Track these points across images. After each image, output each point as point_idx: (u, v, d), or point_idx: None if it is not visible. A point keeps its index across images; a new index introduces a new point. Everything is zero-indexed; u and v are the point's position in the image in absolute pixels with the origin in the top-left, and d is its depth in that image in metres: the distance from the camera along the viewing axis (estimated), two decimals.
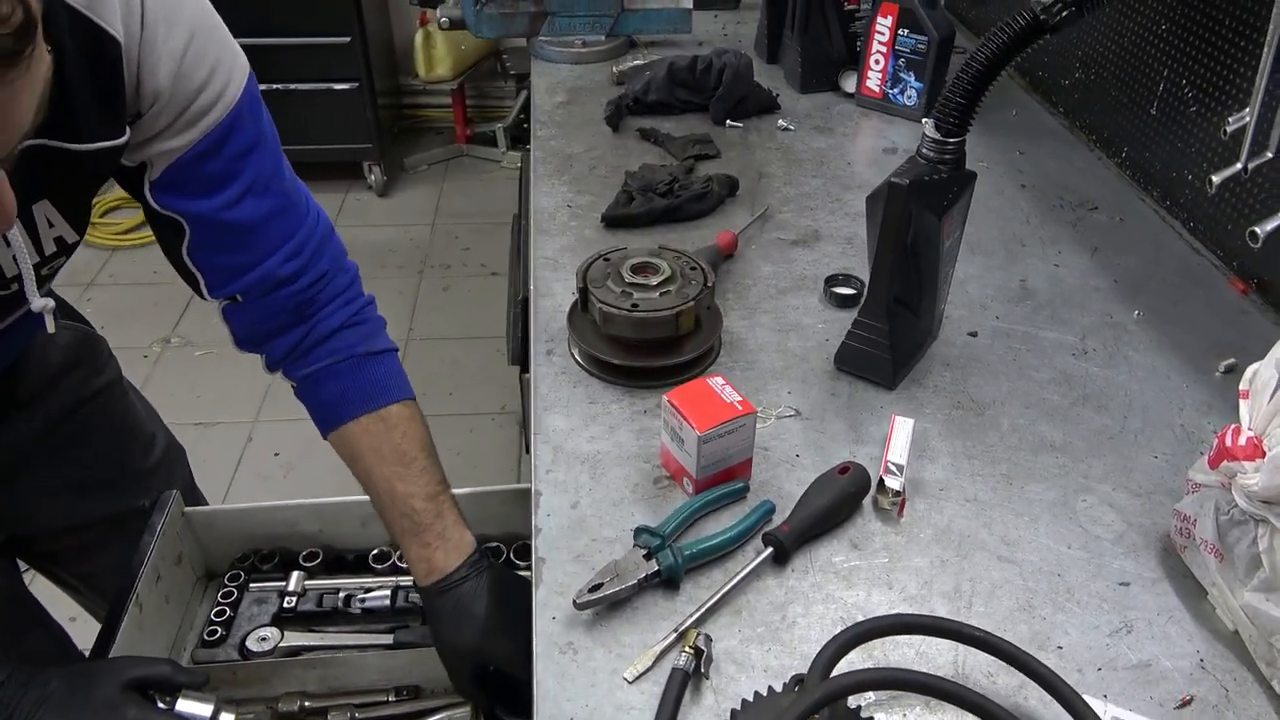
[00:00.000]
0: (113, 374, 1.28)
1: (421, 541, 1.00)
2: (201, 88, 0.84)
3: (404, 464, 1.02)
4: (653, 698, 0.80)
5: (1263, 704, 0.81)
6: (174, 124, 0.85)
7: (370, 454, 1.02)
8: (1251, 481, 0.82)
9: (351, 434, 1.03)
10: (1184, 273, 1.38)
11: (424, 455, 1.04)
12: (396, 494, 1.01)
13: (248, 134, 0.90)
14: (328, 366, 1.03)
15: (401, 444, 1.03)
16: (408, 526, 1.01)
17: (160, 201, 0.89)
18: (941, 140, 1.05)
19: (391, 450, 1.02)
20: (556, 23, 2.10)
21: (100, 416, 1.24)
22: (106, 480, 1.25)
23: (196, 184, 0.89)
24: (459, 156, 4.35)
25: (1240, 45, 1.31)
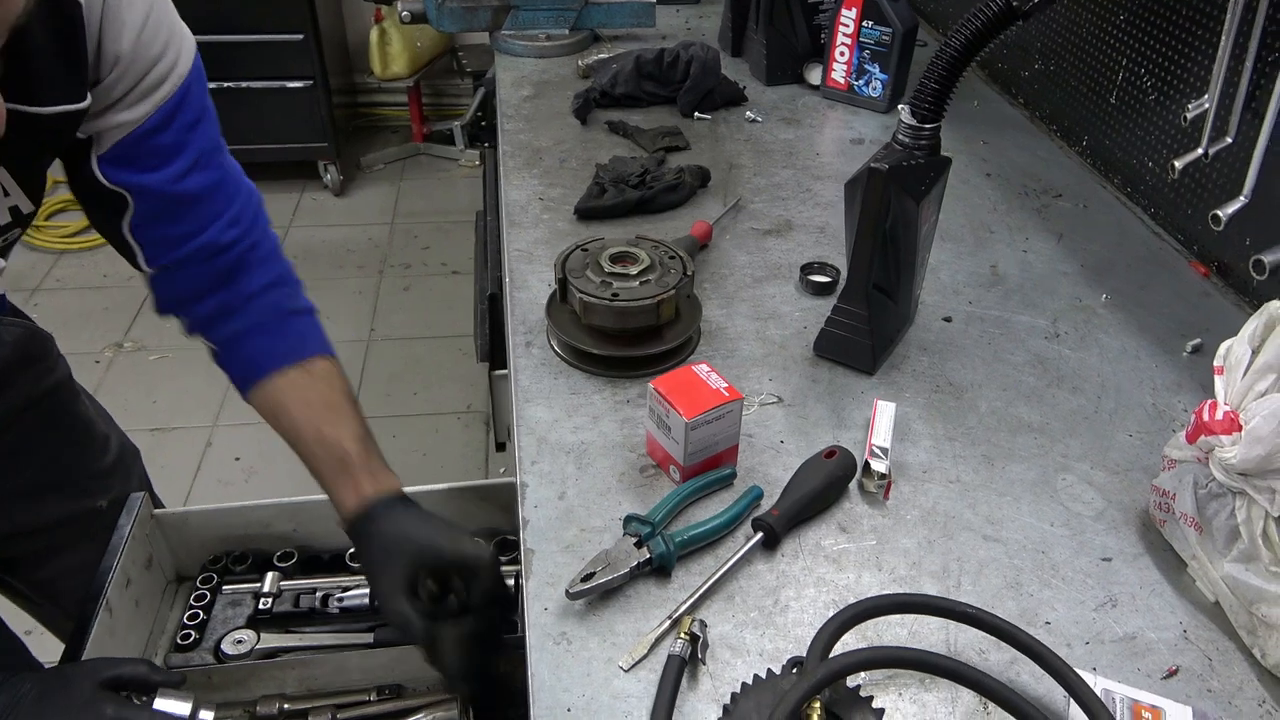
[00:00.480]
0: (63, 373, 1.24)
1: (353, 477, 0.97)
2: (158, 58, 0.85)
3: (332, 410, 1.00)
4: (649, 685, 0.79)
5: (1245, 672, 0.83)
6: (130, 94, 0.85)
7: (297, 404, 1.00)
8: (1229, 455, 0.83)
9: (277, 386, 1.01)
10: (1148, 257, 1.41)
11: (349, 404, 1.02)
12: (326, 438, 0.98)
13: (195, 107, 0.91)
14: (251, 325, 1.01)
15: (328, 394, 1.01)
16: (337, 467, 0.97)
17: (109, 176, 0.89)
18: (918, 126, 1.05)
19: (319, 399, 1.01)
20: (519, 16, 2.08)
21: (53, 416, 1.20)
22: (62, 482, 1.21)
23: (148, 157, 0.89)
24: (416, 155, 4.31)
25: (1197, 34, 1.34)
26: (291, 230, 3.72)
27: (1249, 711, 0.80)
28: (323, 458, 0.99)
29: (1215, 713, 0.79)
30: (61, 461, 1.22)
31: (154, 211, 0.93)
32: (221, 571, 1.22)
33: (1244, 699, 0.81)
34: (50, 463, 1.20)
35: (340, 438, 0.98)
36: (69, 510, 1.22)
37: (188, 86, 0.89)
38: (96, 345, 3.04)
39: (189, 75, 0.89)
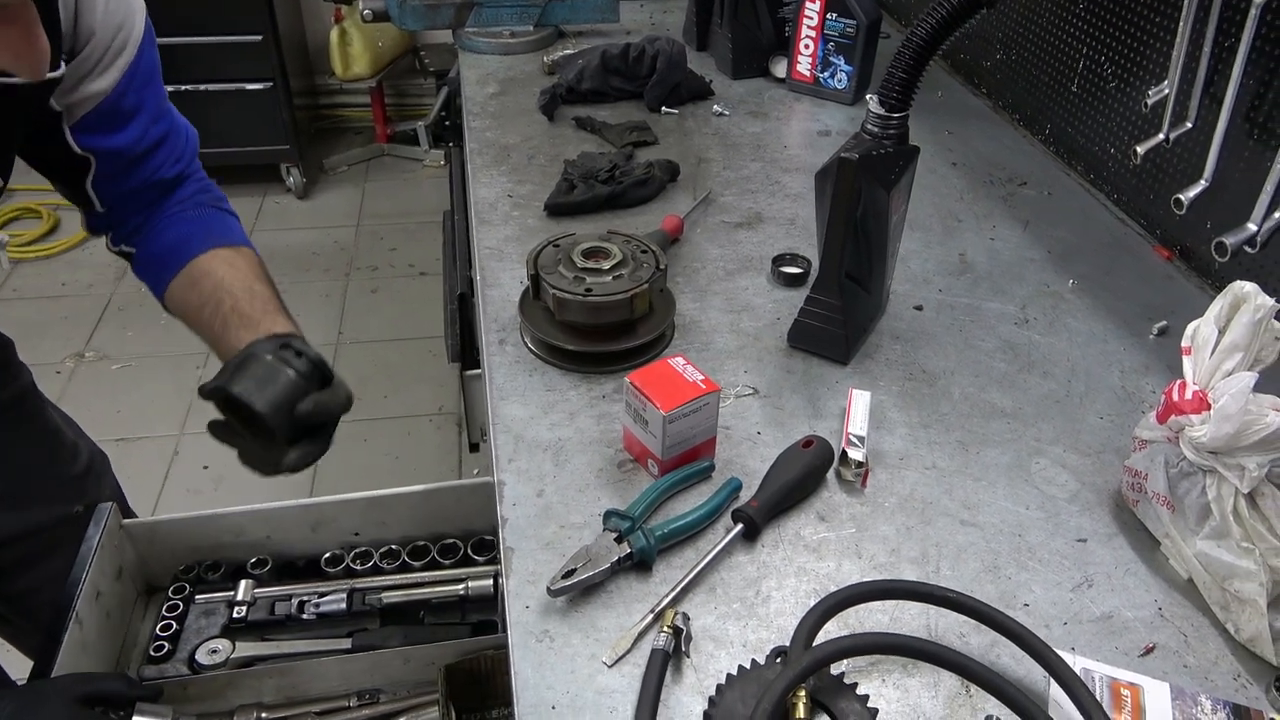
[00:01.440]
0: (26, 380, 1.22)
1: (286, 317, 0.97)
2: (120, 25, 0.89)
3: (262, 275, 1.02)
4: (634, 680, 0.79)
5: (1220, 647, 0.84)
6: (100, 63, 0.88)
7: (224, 266, 1.00)
8: (1199, 433, 0.85)
9: (202, 260, 1.01)
10: (1112, 242, 1.43)
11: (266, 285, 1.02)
12: (256, 291, 0.98)
13: (148, 65, 0.96)
14: (178, 215, 1.05)
15: (258, 265, 1.04)
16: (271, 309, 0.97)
17: (80, 142, 0.93)
18: (886, 115, 1.06)
19: (249, 265, 1.03)
20: (483, 13, 2.07)
21: (21, 424, 1.17)
22: (34, 491, 1.19)
23: (113, 120, 0.94)
24: (380, 156, 4.27)
25: (1156, 21, 1.36)
26: (255, 234, 3.66)
27: (1224, 685, 0.81)
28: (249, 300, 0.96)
29: (1192, 688, 0.80)
30: (32, 470, 1.20)
31: (115, 169, 0.98)
32: (194, 581, 1.20)
33: (1219, 673, 0.82)
34: (20, 471, 1.18)
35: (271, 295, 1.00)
36: (41, 519, 1.20)
37: (142, 48, 0.93)
38: (57, 355, 2.98)
39: (144, 37, 0.93)
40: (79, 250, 3.51)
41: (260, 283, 1.01)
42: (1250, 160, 1.19)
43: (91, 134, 0.93)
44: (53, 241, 3.53)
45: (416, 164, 4.21)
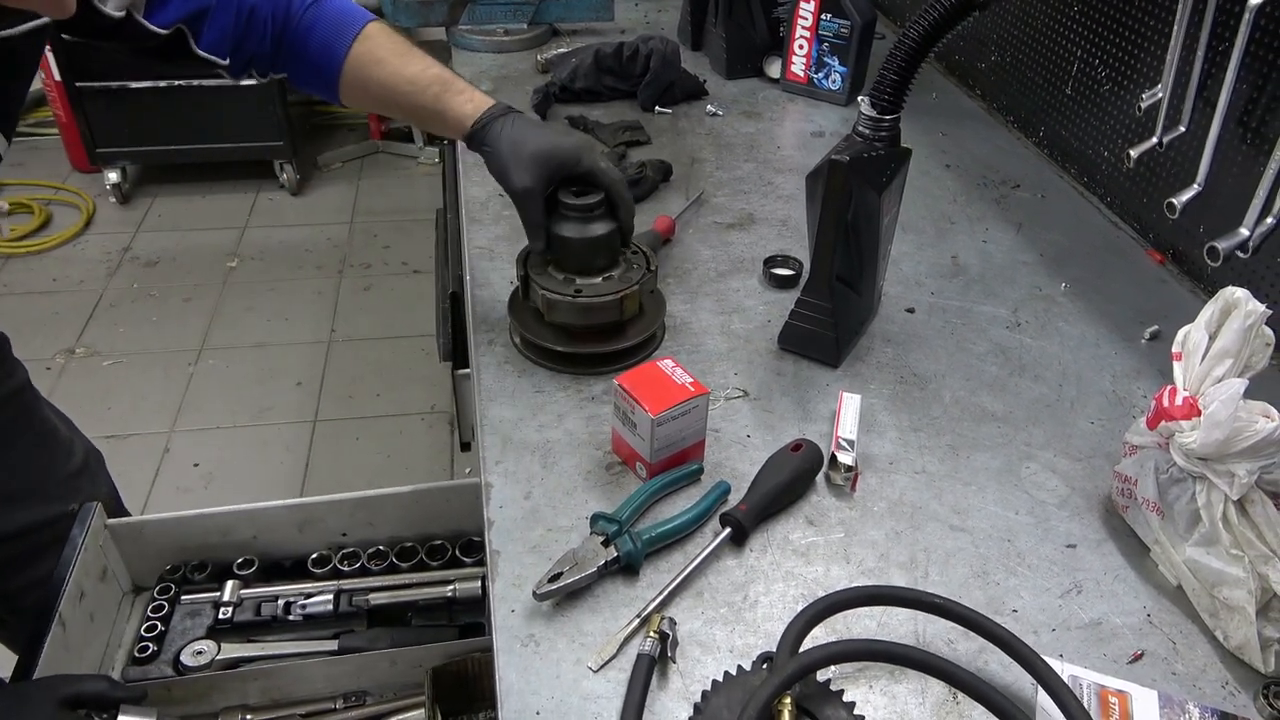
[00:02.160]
0: (22, 377, 1.21)
1: (458, 90, 1.08)
2: None
3: (406, 55, 1.08)
4: (619, 685, 0.78)
5: (1209, 654, 0.84)
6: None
7: (374, 67, 1.07)
8: (1189, 440, 0.84)
9: (350, 69, 1.07)
10: (1105, 245, 1.42)
11: (417, 49, 1.09)
12: (414, 76, 1.07)
13: None
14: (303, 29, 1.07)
15: (393, 45, 1.08)
16: (439, 89, 1.07)
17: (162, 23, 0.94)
18: (878, 117, 1.05)
19: (389, 53, 1.07)
20: (477, 11, 2.06)
21: (18, 421, 1.17)
22: (31, 488, 1.18)
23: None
24: (374, 153, 4.25)
25: (1150, 25, 1.36)
26: (248, 231, 3.66)
27: (1212, 693, 0.80)
28: (421, 90, 1.07)
29: (1180, 695, 0.79)
30: (29, 467, 1.19)
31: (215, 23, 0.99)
32: (180, 581, 1.20)
33: (1207, 680, 0.81)
34: (17, 468, 1.17)
35: (427, 67, 1.08)
36: (38, 517, 1.19)
37: None
38: (47, 352, 2.96)
39: None
40: (70, 246, 3.50)
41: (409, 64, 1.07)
42: (1243, 165, 1.18)
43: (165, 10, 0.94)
44: (44, 237, 3.51)
45: (410, 161, 4.20)
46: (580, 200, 1.07)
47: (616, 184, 1.07)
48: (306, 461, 2.61)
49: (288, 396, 2.79)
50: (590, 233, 1.08)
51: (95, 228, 3.63)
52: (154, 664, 1.11)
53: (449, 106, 1.07)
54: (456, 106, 1.07)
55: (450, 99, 1.07)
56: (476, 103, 1.07)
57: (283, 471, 2.59)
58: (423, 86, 1.07)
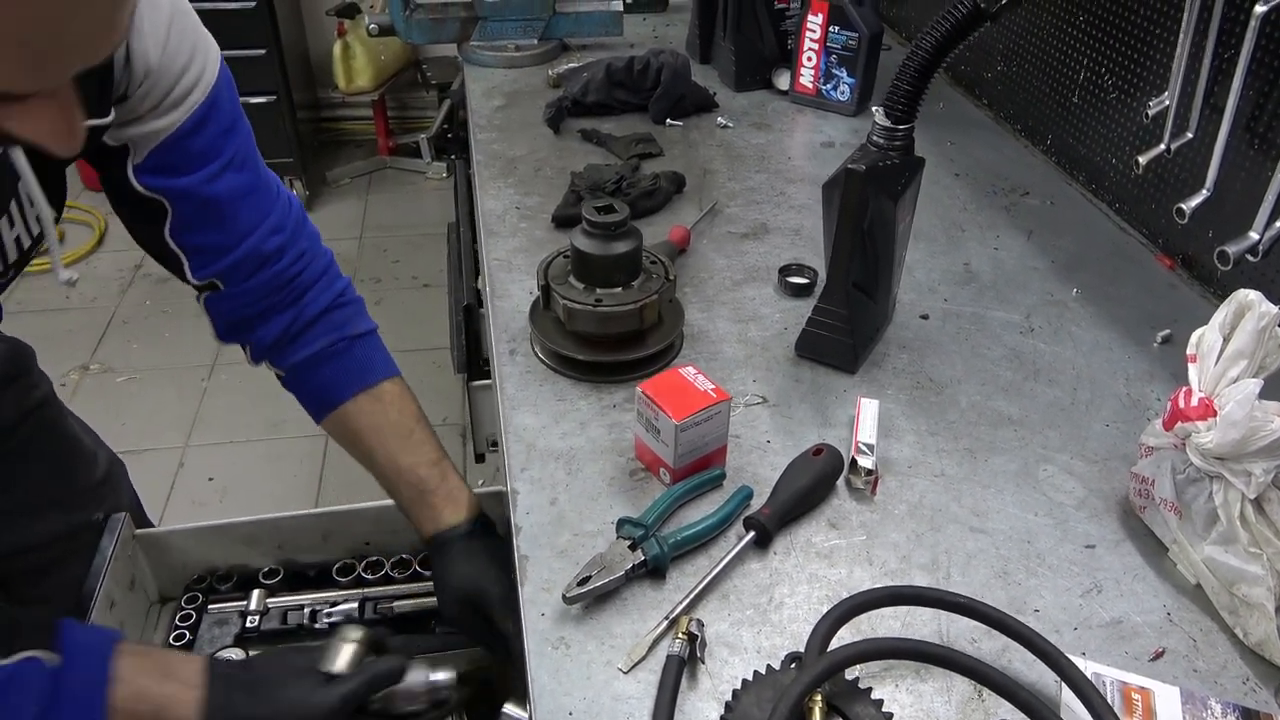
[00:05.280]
0: (47, 387, 1.23)
1: (428, 504, 1.03)
2: (185, 67, 0.85)
3: (404, 437, 1.05)
4: (649, 686, 0.80)
5: (1229, 651, 0.85)
6: (161, 104, 0.85)
7: (370, 432, 1.05)
8: (1205, 440, 0.86)
9: (348, 414, 1.05)
10: (1115, 251, 1.44)
11: (420, 427, 1.07)
12: (401, 467, 1.03)
13: (226, 113, 0.91)
14: (318, 351, 1.03)
15: (399, 419, 1.05)
16: (414, 495, 1.03)
17: (145, 183, 0.89)
18: (892, 127, 1.07)
19: (390, 426, 1.05)
20: (488, 27, 2.09)
21: (43, 431, 1.18)
22: (57, 497, 1.19)
23: (181, 161, 0.89)
24: (382, 169, 4.28)
25: (1156, 33, 1.38)
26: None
27: (1233, 689, 0.82)
28: (400, 485, 1.04)
29: (1201, 691, 0.80)
30: (55, 477, 1.21)
31: (192, 216, 0.92)
32: (206, 590, 1.21)
33: (1228, 677, 0.83)
34: (44, 479, 1.19)
35: (415, 464, 1.03)
36: (64, 525, 1.20)
37: (217, 92, 0.89)
38: (62, 368, 2.98)
39: (217, 82, 0.89)
40: (83, 264, 3.53)
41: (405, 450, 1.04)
42: (1251, 170, 1.20)
43: (156, 174, 0.89)
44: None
45: (419, 176, 4.23)
46: (603, 218, 1.09)
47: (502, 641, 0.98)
48: (320, 475, 2.63)
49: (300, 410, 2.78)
50: (612, 250, 1.10)
51: (107, 245, 3.66)
52: None
53: (417, 514, 1.04)
54: (423, 517, 1.03)
55: (420, 510, 1.03)
56: (439, 521, 1.02)
57: (297, 485, 2.60)
58: (406, 482, 1.03)
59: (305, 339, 1.03)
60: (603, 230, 1.09)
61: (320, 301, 1.04)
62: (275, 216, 0.99)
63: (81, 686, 0.76)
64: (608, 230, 1.09)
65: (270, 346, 1.04)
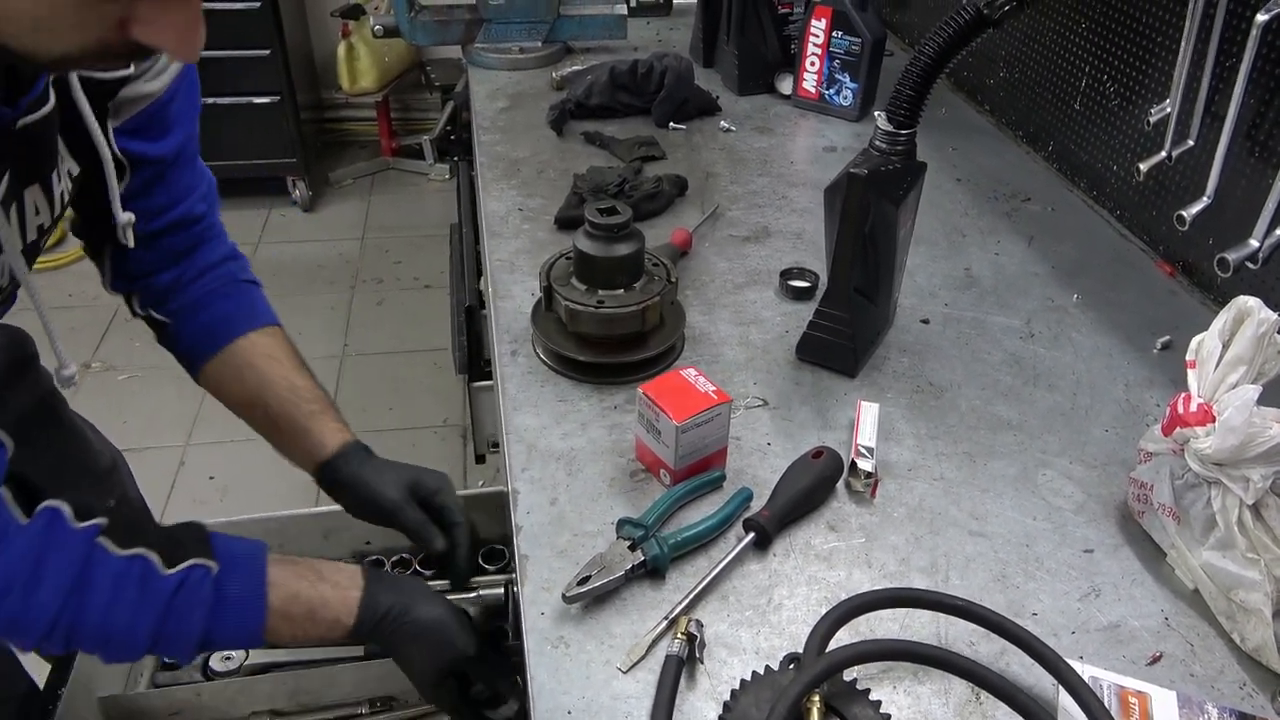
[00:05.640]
0: (49, 384, 1.23)
1: (331, 418, 1.04)
2: None
3: (299, 367, 1.06)
4: (648, 685, 0.80)
5: (1225, 656, 0.85)
6: (153, 67, 0.88)
7: (264, 360, 1.05)
8: (1204, 445, 0.86)
9: (241, 348, 1.05)
10: (1115, 257, 1.44)
11: (307, 367, 1.08)
12: (298, 387, 1.04)
13: (192, 82, 0.96)
14: (212, 291, 1.05)
15: (292, 353, 1.07)
16: (316, 410, 1.04)
17: (122, 145, 0.91)
18: (894, 132, 1.08)
19: (285, 354, 1.06)
20: (492, 29, 2.09)
21: (53, 419, 1.20)
22: (72, 484, 1.20)
23: (158, 126, 0.93)
24: (385, 170, 4.29)
25: (1157, 40, 1.38)
26: (261, 247, 3.69)
27: (1230, 694, 0.82)
28: (297, 403, 1.03)
29: (1199, 696, 0.81)
30: (68, 464, 1.22)
31: (150, 179, 0.96)
32: None
33: (1225, 682, 0.83)
34: (59, 465, 1.20)
35: (312, 385, 1.05)
36: None
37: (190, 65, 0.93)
38: None
39: None
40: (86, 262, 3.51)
41: (302, 376, 1.06)
42: (1252, 177, 1.21)
43: (134, 137, 0.92)
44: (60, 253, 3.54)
45: (421, 178, 4.24)
46: (606, 220, 1.09)
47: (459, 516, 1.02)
48: None
49: None
50: (615, 252, 1.10)
51: None
52: (183, 669, 1.12)
53: (318, 427, 1.03)
54: (326, 431, 1.03)
55: (323, 422, 1.03)
56: (344, 435, 1.04)
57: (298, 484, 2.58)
58: (303, 399, 1.04)
59: (198, 284, 1.05)
60: (605, 232, 1.09)
61: (217, 253, 1.07)
62: (204, 185, 1.04)
63: (242, 590, 0.81)
64: (610, 232, 1.09)
65: (161, 292, 1.05)
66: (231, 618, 0.81)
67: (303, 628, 0.84)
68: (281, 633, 0.83)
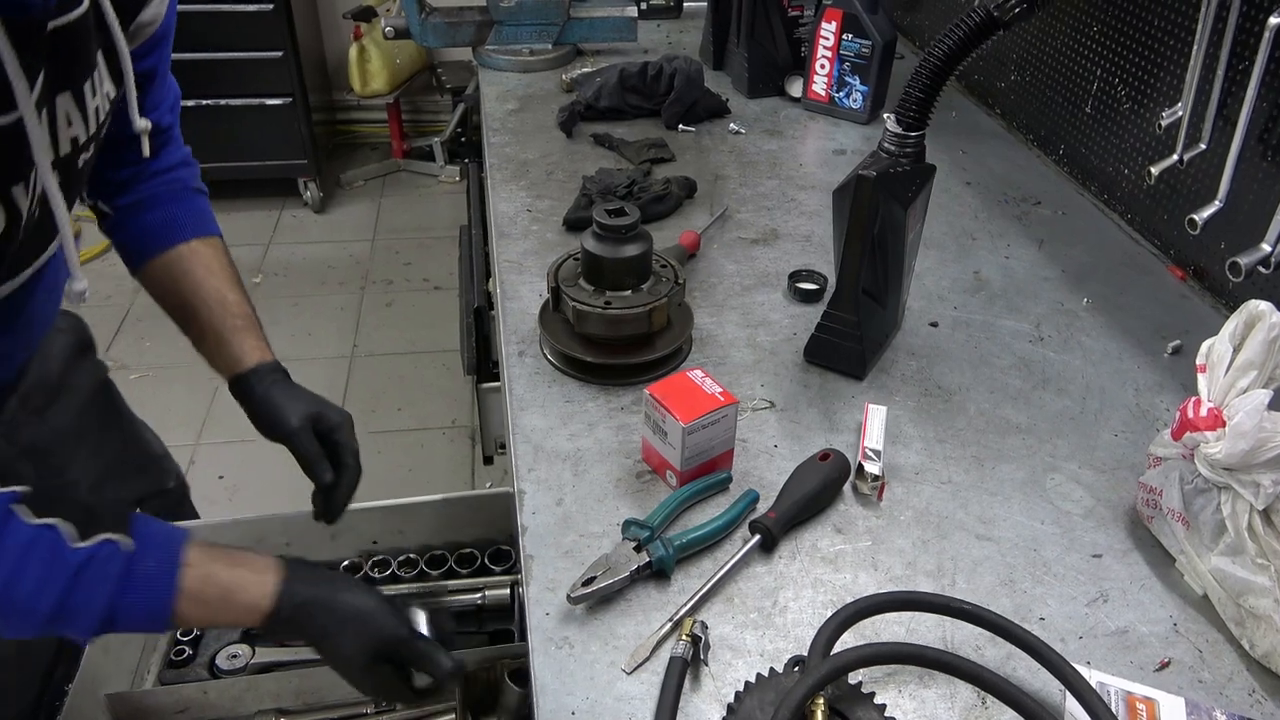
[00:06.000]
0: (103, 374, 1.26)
1: (254, 335, 1.07)
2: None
3: (232, 281, 1.10)
4: (652, 687, 0.80)
5: (1234, 662, 0.85)
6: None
7: (202, 269, 1.08)
8: (1214, 450, 0.85)
9: (181, 255, 1.08)
10: (1126, 261, 1.44)
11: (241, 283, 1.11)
12: (228, 300, 1.07)
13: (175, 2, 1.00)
14: (160, 194, 1.08)
15: (228, 266, 1.10)
16: (242, 324, 1.07)
17: None
18: (903, 134, 1.08)
19: (221, 268, 1.09)
20: (503, 32, 2.10)
21: (113, 403, 1.26)
22: (137, 462, 1.28)
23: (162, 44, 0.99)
24: (396, 171, 4.31)
25: (1169, 44, 1.37)
26: (272, 247, 3.71)
27: (1239, 701, 0.81)
28: (225, 316, 1.07)
29: (1207, 703, 0.80)
30: (130, 445, 1.28)
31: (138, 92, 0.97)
32: None
33: (1234, 689, 0.82)
34: (123, 446, 1.26)
35: (242, 300, 1.09)
36: (145, 489, 1.30)
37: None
38: None
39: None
40: (98, 261, 3.55)
41: (234, 291, 1.09)
42: (1264, 181, 1.20)
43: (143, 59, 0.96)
44: None
45: (432, 180, 4.25)
46: (614, 221, 1.09)
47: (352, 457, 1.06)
48: None
49: None
50: (622, 254, 1.10)
51: None
52: (190, 667, 1.13)
53: (240, 341, 1.06)
54: (246, 346, 1.06)
55: (245, 338, 1.06)
56: (263, 354, 1.07)
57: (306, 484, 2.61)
58: (231, 313, 1.07)
59: (149, 184, 1.08)
60: (613, 233, 1.09)
61: (173, 158, 1.10)
62: (173, 94, 1.08)
63: (154, 568, 0.79)
64: (618, 233, 1.09)
65: (115, 187, 1.07)
66: (139, 596, 0.78)
67: (215, 611, 0.82)
68: (191, 616, 0.81)
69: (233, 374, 1.06)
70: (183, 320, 1.09)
